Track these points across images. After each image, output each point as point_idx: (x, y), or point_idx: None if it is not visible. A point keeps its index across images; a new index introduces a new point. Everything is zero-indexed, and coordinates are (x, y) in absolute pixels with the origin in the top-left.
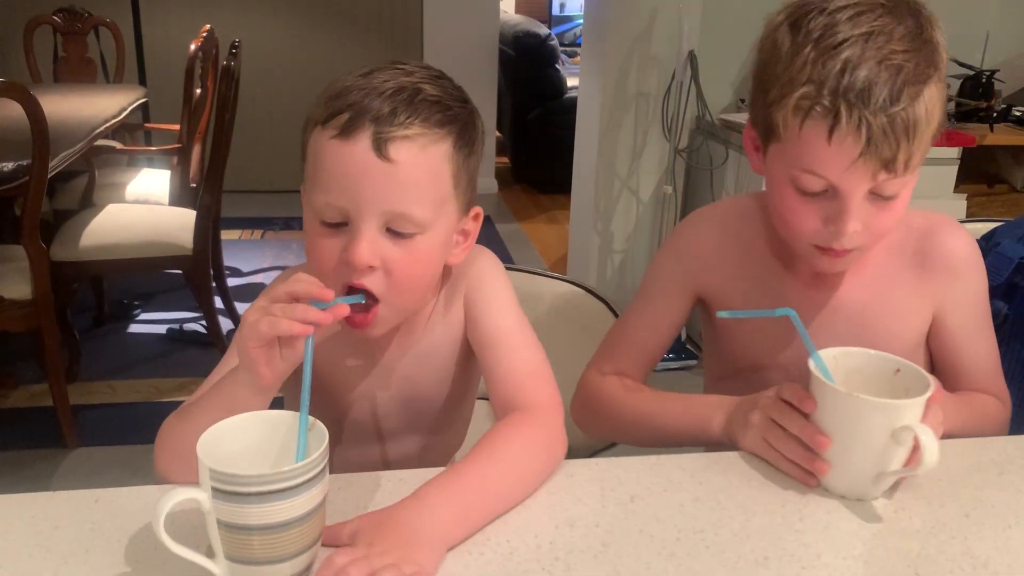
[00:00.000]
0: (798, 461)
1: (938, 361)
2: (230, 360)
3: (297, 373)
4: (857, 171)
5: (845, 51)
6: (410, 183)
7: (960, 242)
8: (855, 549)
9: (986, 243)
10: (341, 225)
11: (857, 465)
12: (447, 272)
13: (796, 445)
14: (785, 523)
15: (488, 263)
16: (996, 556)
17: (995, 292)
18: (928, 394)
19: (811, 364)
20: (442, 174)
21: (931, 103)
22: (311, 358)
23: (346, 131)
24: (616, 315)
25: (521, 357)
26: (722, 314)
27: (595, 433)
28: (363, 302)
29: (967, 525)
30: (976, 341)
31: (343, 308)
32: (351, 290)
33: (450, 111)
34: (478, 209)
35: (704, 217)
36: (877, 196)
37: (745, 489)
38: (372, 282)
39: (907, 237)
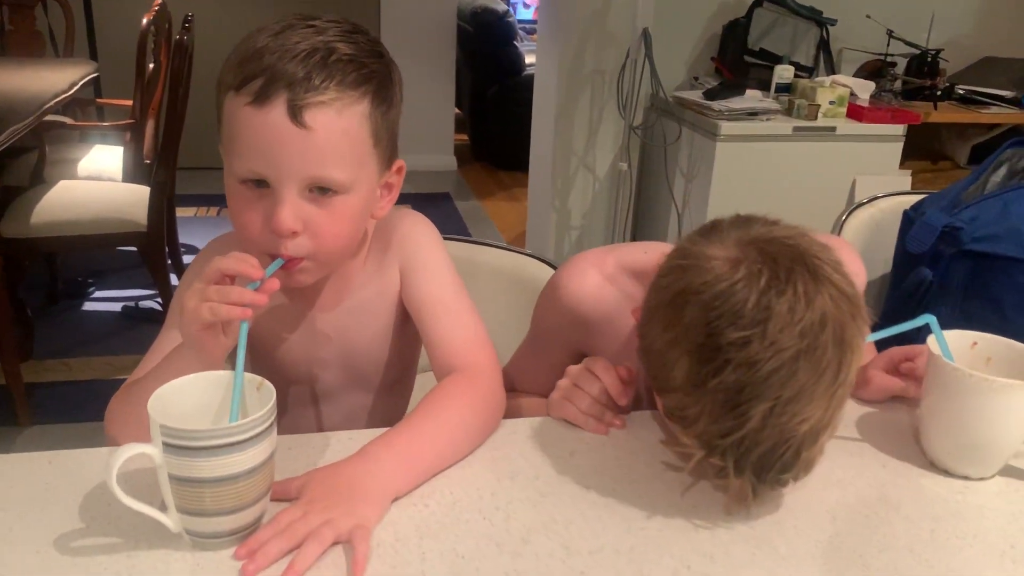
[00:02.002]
0: (592, 414)
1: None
2: (168, 336)
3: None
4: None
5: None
6: (328, 148)
7: (856, 267)
8: (777, 496)
9: (914, 212)
10: (261, 184)
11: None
12: (379, 227)
13: (592, 402)
14: None
15: (424, 229)
16: (909, 501)
17: (921, 259)
18: None
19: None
20: (360, 135)
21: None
22: (246, 332)
23: (260, 98)
24: None
25: (460, 322)
26: (869, 338)
27: None
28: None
29: (884, 474)
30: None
31: (274, 282)
32: (284, 266)
33: (365, 69)
34: (400, 162)
35: (586, 270)
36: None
37: None
38: (297, 247)
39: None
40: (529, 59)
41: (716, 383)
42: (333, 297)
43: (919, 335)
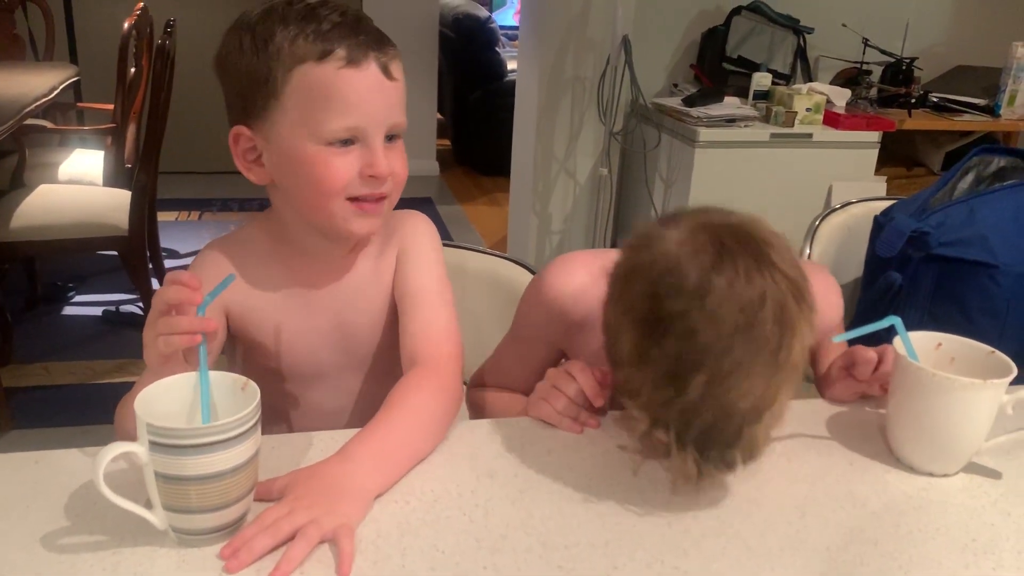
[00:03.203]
0: (567, 414)
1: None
2: None
3: (233, 340)
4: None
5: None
6: (401, 96)
7: (835, 298)
8: (749, 493)
9: (884, 217)
10: (348, 142)
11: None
12: (385, 220)
13: (568, 402)
14: None
15: (425, 226)
16: (873, 496)
17: (890, 263)
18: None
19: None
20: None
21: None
22: (205, 352)
23: (354, 61)
24: None
25: (434, 314)
26: (836, 338)
27: None
28: (235, 279)
29: (851, 471)
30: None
31: (210, 322)
32: (359, 201)
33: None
34: None
35: (569, 270)
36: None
37: None
38: (387, 187)
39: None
40: (511, 65)
41: (658, 353)
42: (330, 276)
43: (888, 335)
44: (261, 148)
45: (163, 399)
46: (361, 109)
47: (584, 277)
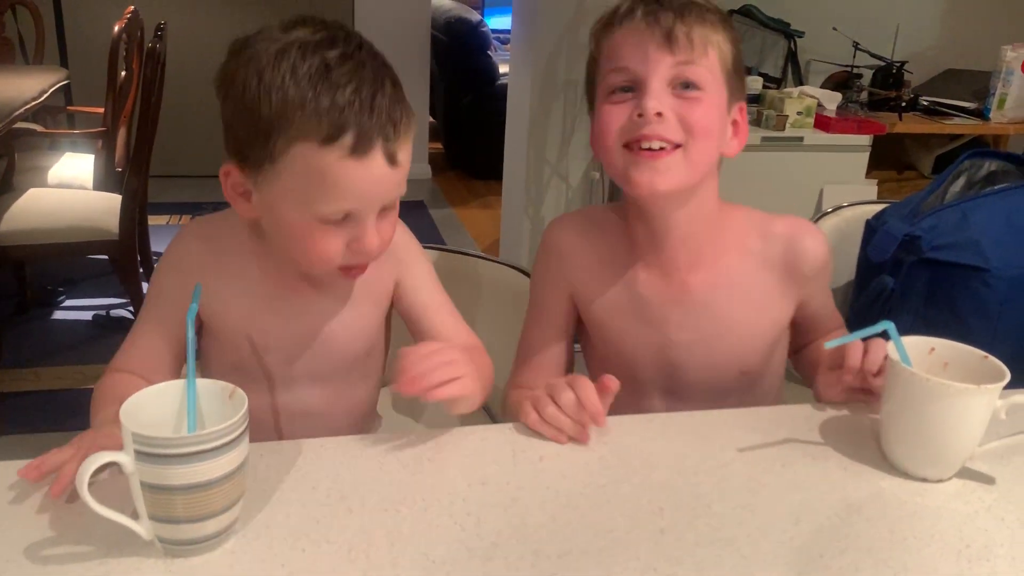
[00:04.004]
0: (553, 423)
1: (806, 332)
2: (147, 324)
3: (212, 352)
4: (644, 48)
5: None
6: (405, 173)
7: (821, 245)
8: (743, 500)
9: (876, 221)
10: (345, 217)
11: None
12: None
13: (556, 411)
14: (682, 477)
15: (413, 241)
16: (869, 503)
17: (882, 267)
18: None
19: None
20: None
21: (718, 27)
22: (193, 362)
23: (359, 151)
24: None
25: (457, 322)
26: (829, 344)
27: None
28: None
29: (845, 477)
30: (828, 308)
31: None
32: (348, 270)
33: (403, 92)
34: None
35: (567, 220)
36: (678, 88)
37: (648, 447)
38: (375, 255)
39: (769, 244)
40: (503, 68)
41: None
42: (311, 285)
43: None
44: (251, 190)
45: (149, 407)
46: (358, 197)
47: (578, 219)
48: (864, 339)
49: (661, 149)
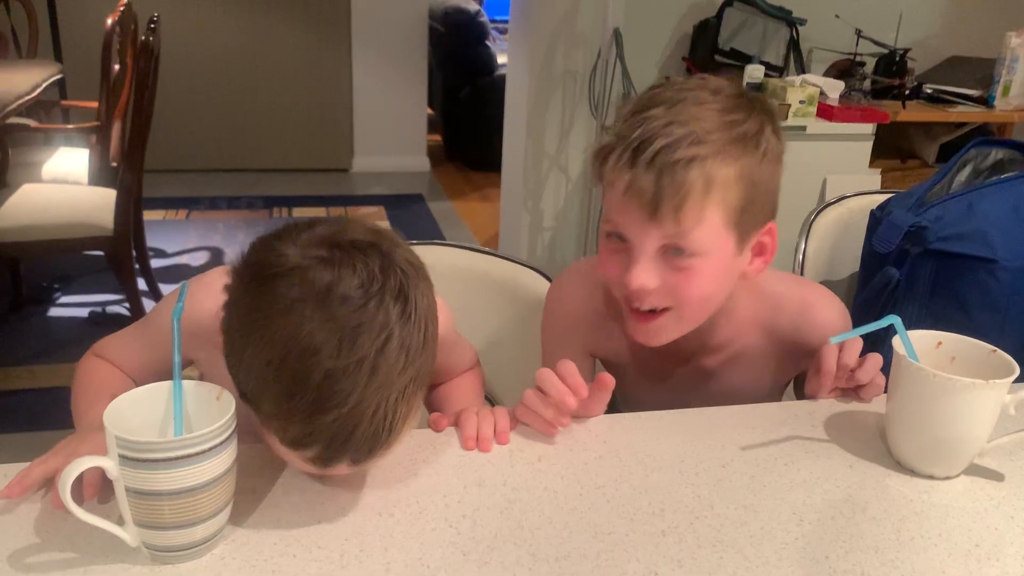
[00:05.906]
0: (537, 410)
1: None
2: (145, 339)
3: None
4: (630, 214)
5: (653, 111)
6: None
7: (835, 315)
8: (745, 499)
9: (881, 212)
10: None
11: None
12: None
13: (537, 398)
14: (682, 478)
15: (449, 323)
16: (874, 501)
17: (887, 259)
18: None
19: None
20: None
21: (714, 178)
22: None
23: (320, 464)
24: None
25: (464, 350)
26: (834, 339)
27: None
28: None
29: (850, 475)
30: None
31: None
32: None
33: (418, 386)
34: None
35: (568, 283)
36: (670, 254)
37: (647, 447)
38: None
39: (779, 320)
40: (501, 59)
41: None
42: None
43: (887, 335)
44: None
45: (134, 411)
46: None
47: (586, 281)
48: (871, 343)
49: (651, 311)
